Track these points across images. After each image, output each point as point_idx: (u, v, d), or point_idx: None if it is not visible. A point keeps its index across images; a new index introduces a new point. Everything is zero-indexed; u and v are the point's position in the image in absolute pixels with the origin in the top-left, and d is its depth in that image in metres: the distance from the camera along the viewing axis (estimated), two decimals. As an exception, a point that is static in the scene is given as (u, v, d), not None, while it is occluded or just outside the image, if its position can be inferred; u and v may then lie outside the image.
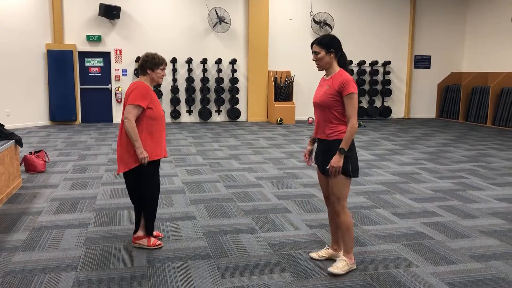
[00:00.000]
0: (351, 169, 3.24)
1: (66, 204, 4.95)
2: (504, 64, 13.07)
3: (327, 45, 3.27)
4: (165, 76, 3.75)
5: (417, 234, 4.17)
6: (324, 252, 3.63)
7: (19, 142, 5.61)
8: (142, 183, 3.68)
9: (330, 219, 3.57)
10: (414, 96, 14.63)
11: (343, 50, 3.34)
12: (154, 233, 3.94)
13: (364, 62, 13.72)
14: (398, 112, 14.53)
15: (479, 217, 4.69)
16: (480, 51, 14.10)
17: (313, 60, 3.36)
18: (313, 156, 3.57)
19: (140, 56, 12.00)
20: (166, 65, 3.74)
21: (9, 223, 4.33)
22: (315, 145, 3.53)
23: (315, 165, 3.52)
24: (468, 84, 13.51)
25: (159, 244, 3.78)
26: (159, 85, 11.94)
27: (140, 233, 3.79)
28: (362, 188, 5.76)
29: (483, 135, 10.82)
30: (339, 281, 3.24)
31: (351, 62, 13.66)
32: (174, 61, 12.27)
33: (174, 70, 12.38)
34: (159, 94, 12.30)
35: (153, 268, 3.40)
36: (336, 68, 3.32)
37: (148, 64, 3.63)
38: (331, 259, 3.57)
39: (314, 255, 3.64)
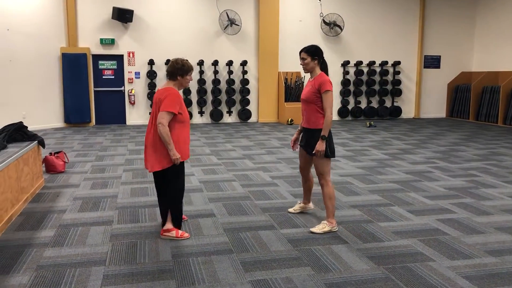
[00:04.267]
0: (329, 151, 4.11)
1: (89, 203, 5.10)
2: (515, 63, 13.09)
3: (313, 53, 4.14)
4: (191, 80, 3.99)
5: (432, 230, 4.27)
6: (298, 207, 4.73)
7: (41, 143, 5.78)
8: (171, 180, 3.98)
9: (303, 183, 4.63)
10: (424, 96, 14.68)
11: (324, 58, 4.22)
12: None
13: (374, 62, 13.80)
14: (408, 112, 14.59)
15: (493, 214, 4.77)
16: (490, 50, 14.12)
17: (300, 64, 4.19)
18: (298, 142, 4.51)
19: (156, 59, 12.25)
20: (193, 70, 4.06)
21: (37, 220, 4.49)
22: (301, 134, 4.43)
23: (298, 149, 4.53)
24: (478, 83, 13.54)
25: (186, 236, 4.05)
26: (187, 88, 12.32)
27: (169, 225, 4.05)
28: (376, 187, 5.86)
29: (494, 134, 10.86)
30: (358, 274, 3.35)
31: (361, 62, 13.75)
32: (186, 63, 12.43)
33: (186, 72, 12.54)
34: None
35: (179, 263, 3.53)
36: (318, 71, 4.18)
37: (179, 71, 3.93)
38: (303, 212, 4.73)
39: (291, 210, 4.74)
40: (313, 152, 4.10)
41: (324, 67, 4.20)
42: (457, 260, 3.60)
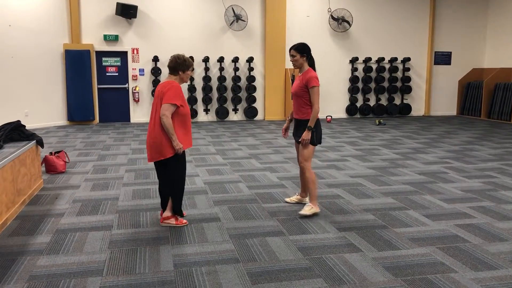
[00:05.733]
0: (315, 139, 4.47)
1: (88, 206, 4.88)
2: (528, 60, 12.72)
3: (301, 51, 4.46)
4: (191, 75, 4.13)
5: (451, 237, 4.00)
6: (294, 198, 4.98)
7: (40, 143, 5.56)
8: (173, 169, 4.15)
9: (300, 175, 4.79)
10: (434, 93, 14.34)
11: (312, 55, 4.52)
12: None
13: (383, 59, 13.48)
14: (418, 109, 14.26)
15: (515, 219, 4.49)
16: (502, 46, 13.74)
17: (290, 61, 4.53)
18: (289, 132, 4.95)
19: (161, 56, 12.02)
20: (193, 66, 4.24)
21: (32, 225, 4.27)
22: (291, 124, 4.86)
23: (292, 139, 4.99)
24: (491, 80, 13.18)
25: (185, 222, 4.26)
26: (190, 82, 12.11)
27: (168, 213, 4.23)
28: (389, 188, 5.59)
29: (508, 132, 10.52)
30: (375, 287, 3.09)
31: (370, 59, 13.43)
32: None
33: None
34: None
35: (181, 273, 3.29)
36: (306, 67, 4.49)
37: (181, 66, 4.12)
38: (299, 203, 4.89)
39: (287, 199, 5.00)
40: (299, 140, 4.48)
41: (311, 63, 4.50)
42: (481, 271, 3.33)
